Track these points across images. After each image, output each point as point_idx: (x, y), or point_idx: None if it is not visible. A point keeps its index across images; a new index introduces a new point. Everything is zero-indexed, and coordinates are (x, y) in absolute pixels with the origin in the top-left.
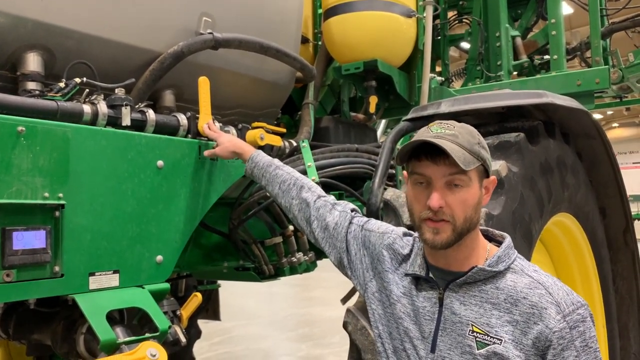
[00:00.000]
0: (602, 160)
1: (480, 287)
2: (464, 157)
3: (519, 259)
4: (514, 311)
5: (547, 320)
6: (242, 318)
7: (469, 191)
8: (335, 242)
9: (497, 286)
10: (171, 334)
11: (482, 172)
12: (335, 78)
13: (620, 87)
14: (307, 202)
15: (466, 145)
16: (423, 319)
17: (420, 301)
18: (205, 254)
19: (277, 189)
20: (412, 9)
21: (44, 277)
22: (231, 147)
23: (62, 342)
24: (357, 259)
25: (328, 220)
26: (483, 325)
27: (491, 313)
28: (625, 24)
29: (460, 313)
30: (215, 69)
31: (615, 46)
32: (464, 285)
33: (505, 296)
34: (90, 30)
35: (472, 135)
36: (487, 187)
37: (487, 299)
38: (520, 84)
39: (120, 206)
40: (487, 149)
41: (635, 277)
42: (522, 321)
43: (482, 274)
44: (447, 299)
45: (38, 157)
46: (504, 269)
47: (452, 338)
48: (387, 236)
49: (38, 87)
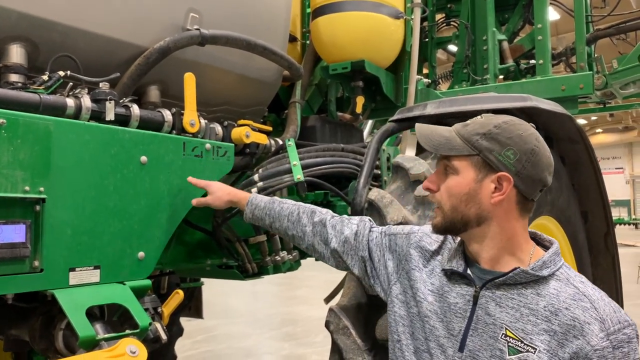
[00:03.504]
0: (585, 164)
1: (520, 290)
2: (447, 143)
3: (566, 267)
4: (553, 320)
5: (589, 336)
6: (225, 316)
7: (455, 179)
8: (357, 251)
9: (539, 292)
10: (152, 331)
11: (482, 164)
12: (323, 77)
13: (604, 93)
14: (322, 223)
15: (463, 133)
16: (454, 316)
17: (453, 297)
18: (188, 252)
19: (286, 222)
20: (400, 10)
21: (23, 271)
22: (225, 197)
23: (40, 338)
24: (381, 264)
25: (346, 233)
26: (518, 331)
27: (528, 319)
28: (610, 30)
29: (495, 315)
30: (201, 66)
31: (599, 53)
32: (503, 286)
33: (545, 304)
34: (75, 23)
35: (484, 125)
36: (497, 183)
37: (525, 303)
38: (505, 88)
39: (102, 201)
40: (504, 142)
41: (615, 281)
42: (560, 332)
43: (524, 276)
44: (482, 298)
45: (19, 150)
46: (547, 274)
47: (482, 339)
48: (413, 235)
49: (21, 80)
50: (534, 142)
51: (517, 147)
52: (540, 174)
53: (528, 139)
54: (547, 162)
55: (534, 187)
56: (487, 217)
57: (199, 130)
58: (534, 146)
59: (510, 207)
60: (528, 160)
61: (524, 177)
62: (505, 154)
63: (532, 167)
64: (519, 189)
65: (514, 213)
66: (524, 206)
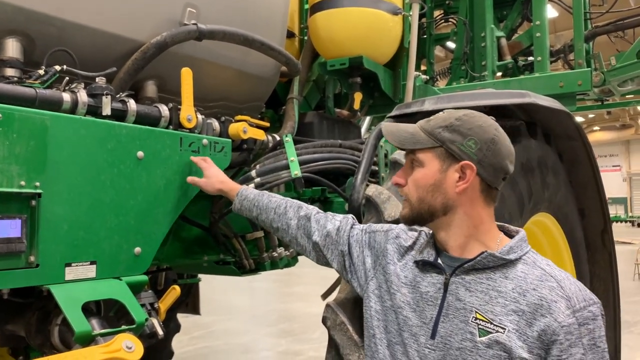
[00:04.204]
0: (583, 161)
1: (488, 275)
2: (411, 138)
3: (532, 252)
4: (521, 301)
5: (556, 313)
6: (222, 313)
7: (421, 171)
8: (337, 246)
9: (507, 275)
10: (148, 326)
11: (445, 154)
12: (321, 73)
13: (602, 90)
14: (307, 217)
15: (426, 128)
16: (425, 304)
17: (425, 286)
18: (185, 247)
19: (272, 214)
20: (399, 6)
21: (19, 267)
22: (217, 184)
23: (36, 333)
24: (359, 260)
25: (329, 227)
26: (487, 313)
27: (497, 301)
28: (608, 27)
29: (465, 299)
30: (198, 61)
31: (598, 50)
32: (472, 271)
33: (513, 286)
34: (71, 18)
35: (446, 119)
36: (461, 172)
37: (494, 287)
38: (503, 85)
39: (99, 196)
40: (465, 133)
41: (612, 278)
42: (528, 312)
43: (492, 260)
44: (452, 284)
45: (15, 144)
46: (514, 258)
47: (453, 324)
48: (391, 232)
49: (17, 74)
50: (493, 131)
51: (478, 137)
52: (502, 162)
53: (488, 129)
54: (508, 150)
55: (496, 175)
56: (453, 205)
57: (196, 125)
58: (494, 135)
59: (475, 196)
60: (489, 148)
61: (486, 166)
62: (467, 144)
63: (493, 156)
64: (482, 177)
65: (479, 201)
66: (488, 194)
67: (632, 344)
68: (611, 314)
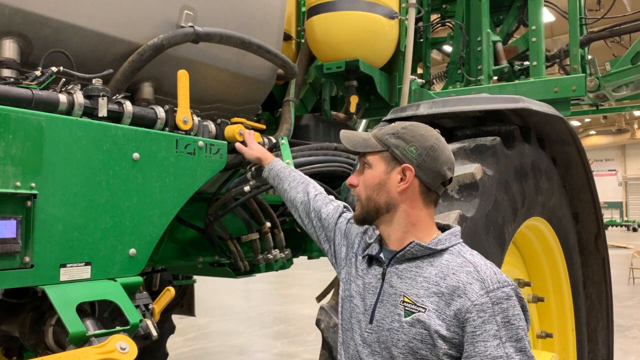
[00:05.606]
0: (576, 166)
1: (417, 263)
2: (363, 142)
3: (462, 245)
4: (441, 284)
5: (470, 294)
6: (217, 314)
7: (370, 172)
8: (326, 231)
9: (432, 263)
10: (142, 327)
11: (390, 158)
12: (317, 76)
13: (597, 95)
14: (308, 196)
15: (377, 134)
16: (367, 294)
17: (369, 278)
18: (181, 249)
19: (287, 186)
20: (395, 10)
21: (14, 267)
22: (256, 153)
23: (30, 334)
24: (339, 248)
25: (323, 211)
26: (412, 296)
27: (421, 285)
28: (604, 33)
29: (396, 285)
30: (195, 63)
31: (595, 54)
32: (405, 261)
33: (437, 271)
34: (68, 19)
35: (394, 127)
36: (402, 174)
37: (420, 273)
38: (499, 89)
39: (94, 198)
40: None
41: (605, 283)
42: (447, 293)
43: (420, 249)
44: (388, 274)
45: (11, 145)
46: (441, 249)
47: (386, 309)
48: (362, 226)
49: (13, 75)
50: (434, 140)
51: (419, 144)
52: (440, 168)
53: (429, 138)
54: (447, 158)
55: (435, 179)
56: (395, 204)
57: (192, 127)
58: (434, 143)
59: (415, 196)
60: (428, 154)
61: (425, 169)
62: (409, 149)
63: (431, 161)
64: (421, 179)
65: (418, 202)
66: (427, 196)
67: (626, 348)
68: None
